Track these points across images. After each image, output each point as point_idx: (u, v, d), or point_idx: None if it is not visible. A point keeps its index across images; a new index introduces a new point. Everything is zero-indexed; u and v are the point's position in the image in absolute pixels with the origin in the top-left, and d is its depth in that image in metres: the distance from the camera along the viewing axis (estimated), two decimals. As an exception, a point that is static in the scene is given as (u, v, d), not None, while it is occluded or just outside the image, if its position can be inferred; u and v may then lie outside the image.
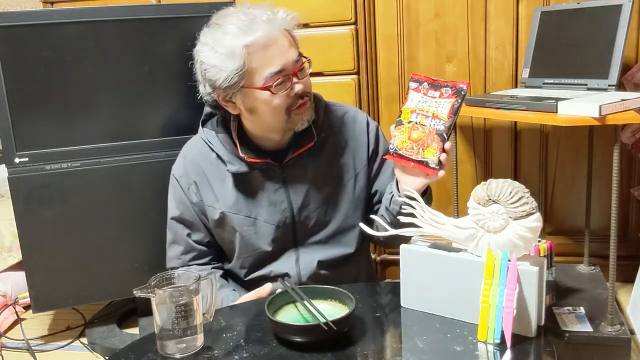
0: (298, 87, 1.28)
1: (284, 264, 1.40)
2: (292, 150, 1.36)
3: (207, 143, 1.40)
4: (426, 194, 1.29)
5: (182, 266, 1.45)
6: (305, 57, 1.32)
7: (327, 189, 1.40)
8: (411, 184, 1.25)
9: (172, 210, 1.46)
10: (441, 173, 1.23)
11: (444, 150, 1.21)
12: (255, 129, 1.36)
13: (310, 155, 1.38)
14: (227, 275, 1.50)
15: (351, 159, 1.41)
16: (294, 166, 1.37)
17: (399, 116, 1.25)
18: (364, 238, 1.45)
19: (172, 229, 1.47)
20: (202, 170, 1.40)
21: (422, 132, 1.22)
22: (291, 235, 1.40)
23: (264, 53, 1.24)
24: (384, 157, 1.29)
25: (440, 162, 1.22)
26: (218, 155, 1.38)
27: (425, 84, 1.24)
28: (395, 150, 1.25)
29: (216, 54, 1.25)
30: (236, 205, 1.38)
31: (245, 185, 1.38)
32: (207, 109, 1.44)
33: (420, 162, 1.22)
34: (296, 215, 1.38)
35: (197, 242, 1.44)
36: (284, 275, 1.39)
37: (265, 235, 1.39)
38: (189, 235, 1.44)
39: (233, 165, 1.36)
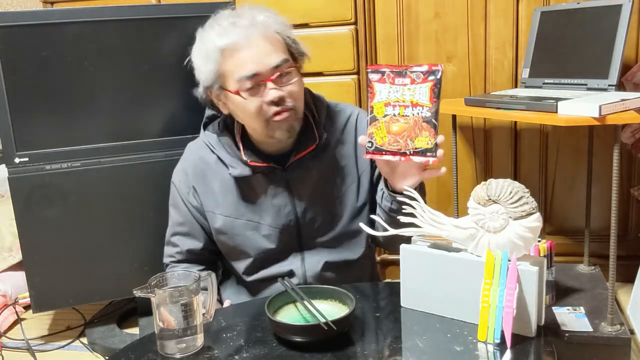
0: (272, 94, 1.25)
1: (289, 265, 1.39)
2: (294, 153, 1.35)
3: (208, 146, 1.39)
4: (420, 189, 1.26)
5: (175, 263, 1.47)
6: (296, 64, 1.31)
7: (331, 191, 1.39)
8: (404, 184, 1.22)
9: (171, 214, 1.47)
10: (438, 157, 1.15)
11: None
12: (251, 131, 1.36)
13: (314, 158, 1.37)
14: (229, 275, 1.51)
15: (354, 161, 1.40)
16: (297, 169, 1.36)
17: (370, 113, 1.19)
18: (370, 243, 1.44)
19: (169, 230, 1.48)
20: (202, 175, 1.39)
21: (404, 123, 1.16)
22: (295, 239, 1.38)
23: (237, 57, 1.26)
24: (365, 156, 1.22)
25: (436, 149, 1.15)
26: (219, 158, 1.37)
27: (389, 72, 1.16)
28: (376, 147, 1.18)
29: (199, 54, 1.31)
30: (238, 210, 1.37)
31: (247, 189, 1.37)
32: (208, 112, 1.44)
33: (413, 154, 1.16)
34: (300, 219, 1.37)
35: (189, 250, 1.44)
36: (289, 273, 1.38)
37: (269, 239, 1.37)
38: (183, 242, 1.44)
39: (235, 169, 1.35)
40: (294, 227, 1.38)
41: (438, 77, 1.14)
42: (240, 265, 1.42)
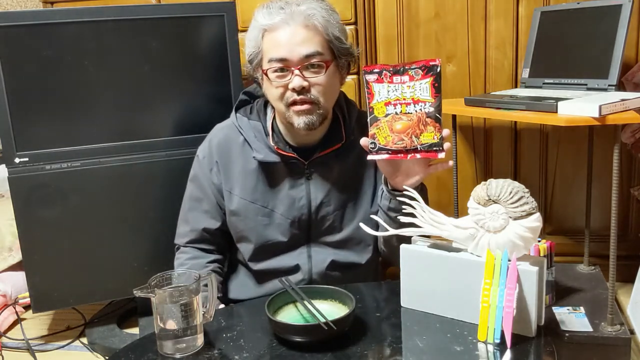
0: (295, 82, 1.28)
1: (296, 258, 1.40)
2: (319, 149, 1.38)
3: (237, 127, 1.41)
4: (420, 191, 1.26)
5: (187, 245, 1.46)
6: (335, 61, 1.32)
7: (348, 193, 1.40)
8: (408, 182, 1.24)
9: (190, 189, 1.47)
10: (445, 150, 1.16)
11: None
12: (279, 116, 1.38)
13: (338, 157, 1.39)
14: (236, 264, 1.51)
15: (374, 168, 1.41)
16: (319, 165, 1.38)
17: (370, 114, 1.19)
18: (377, 251, 1.45)
19: (185, 206, 1.48)
20: (226, 154, 1.41)
21: (408, 121, 1.16)
22: (305, 233, 1.40)
23: (274, 39, 1.29)
24: (369, 158, 1.21)
25: (442, 143, 1.16)
26: (246, 140, 1.39)
27: (385, 71, 1.17)
28: (380, 147, 1.18)
29: (249, 29, 1.36)
30: (254, 194, 1.39)
31: (267, 175, 1.39)
32: (242, 96, 1.47)
33: (419, 150, 1.16)
34: (313, 214, 1.39)
35: (205, 229, 1.45)
36: (294, 268, 1.39)
37: (278, 228, 1.39)
38: (199, 219, 1.45)
39: (260, 153, 1.37)
40: (305, 222, 1.39)
41: (437, 71, 1.15)
42: (247, 251, 1.43)
